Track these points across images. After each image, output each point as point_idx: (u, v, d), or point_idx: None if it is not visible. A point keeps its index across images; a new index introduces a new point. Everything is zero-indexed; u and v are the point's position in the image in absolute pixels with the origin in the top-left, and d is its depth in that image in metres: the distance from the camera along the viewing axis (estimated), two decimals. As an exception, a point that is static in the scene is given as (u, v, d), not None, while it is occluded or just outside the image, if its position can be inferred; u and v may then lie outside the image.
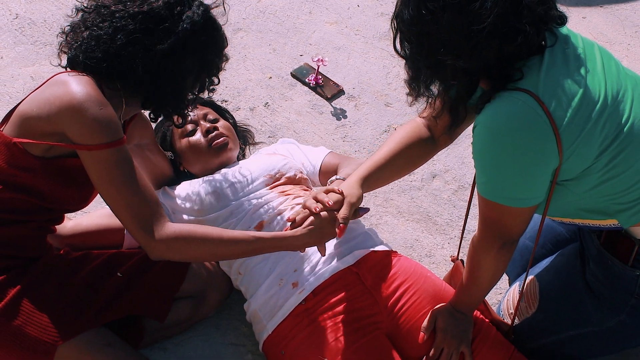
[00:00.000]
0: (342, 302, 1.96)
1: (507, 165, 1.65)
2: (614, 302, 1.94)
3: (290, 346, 1.93)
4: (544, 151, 1.62)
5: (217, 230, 1.82)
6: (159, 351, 2.12)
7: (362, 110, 3.06)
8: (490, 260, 1.85)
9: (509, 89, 1.62)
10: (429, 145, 2.04)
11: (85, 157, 1.70)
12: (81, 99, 1.65)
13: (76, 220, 2.21)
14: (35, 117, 1.70)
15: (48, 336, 1.80)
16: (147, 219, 1.71)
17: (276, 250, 1.87)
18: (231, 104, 2.96)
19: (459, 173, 2.87)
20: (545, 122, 1.58)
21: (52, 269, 1.90)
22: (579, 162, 1.66)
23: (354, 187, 1.91)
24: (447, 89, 1.72)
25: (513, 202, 1.71)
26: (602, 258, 1.92)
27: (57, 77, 1.72)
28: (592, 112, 1.62)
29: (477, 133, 1.67)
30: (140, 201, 1.71)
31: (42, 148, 1.73)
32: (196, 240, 1.76)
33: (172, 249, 1.74)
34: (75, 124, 1.66)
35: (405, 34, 1.67)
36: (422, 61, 1.67)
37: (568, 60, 1.65)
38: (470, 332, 2.01)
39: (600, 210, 1.80)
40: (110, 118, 1.69)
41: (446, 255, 2.59)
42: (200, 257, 1.84)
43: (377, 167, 1.98)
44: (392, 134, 2.06)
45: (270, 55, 3.24)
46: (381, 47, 3.39)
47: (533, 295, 2.08)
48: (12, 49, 3.00)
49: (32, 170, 1.75)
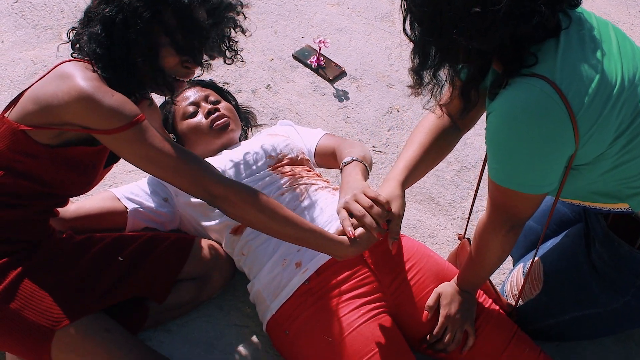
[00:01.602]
0: (345, 281, 1.96)
1: (522, 153, 1.62)
2: (620, 284, 1.93)
3: (294, 326, 1.93)
4: (561, 139, 1.58)
5: (276, 203, 1.80)
6: (162, 332, 2.12)
7: (364, 92, 3.05)
8: (497, 242, 1.84)
9: (525, 75, 1.57)
10: (454, 131, 2.01)
11: (109, 141, 1.69)
12: (89, 91, 1.64)
13: (79, 203, 2.21)
14: (43, 109, 1.68)
15: (46, 321, 1.78)
16: (197, 172, 1.72)
17: (318, 249, 1.83)
18: (233, 86, 2.96)
19: (461, 154, 2.86)
20: (562, 109, 1.54)
21: (53, 253, 1.89)
22: (594, 148, 1.63)
23: (398, 196, 1.87)
24: (457, 72, 1.67)
25: (526, 189, 1.68)
26: (608, 239, 1.91)
27: (62, 69, 1.70)
28: (609, 97, 1.57)
29: (492, 120, 1.63)
30: (182, 161, 1.71)
31: (50, 135, 1.72)
32: (254, 204, 1.75)
33: (228, 201, 1.74)
34: (88, 114, 1.65)
35: (416, 15, 1.61)
36: (433, 43, 1.61)
37: (584, 42, 1.60)
38: (474, 311, 2.01)
39: (612, 195, 1.78)
40: (124, 100, 1.68)
41: (449, 236, 2.59)
42: (250, 221, 1.80)
43: (413, 166, 1.95)
44: (416, 129, 2.02)
45: (272, 37, 3.23)
46: (383, 29, 3.38)
47: (537, 277, 2.08)
48: (13, 33, 2.99)
49: (37, 157, 1.74)
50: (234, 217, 1.80)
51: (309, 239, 1.81)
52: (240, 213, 1.77)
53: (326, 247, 1.81)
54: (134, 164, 1.74)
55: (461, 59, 1.62)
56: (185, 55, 1.77)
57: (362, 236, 1.81)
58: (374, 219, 1.80)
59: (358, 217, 1.81)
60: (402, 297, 2.02)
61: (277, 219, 1.78)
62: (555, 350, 2.23)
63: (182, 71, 1.81)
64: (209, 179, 1.73)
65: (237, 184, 1.78)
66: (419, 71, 1.67)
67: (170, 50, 1.75)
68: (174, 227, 2.32)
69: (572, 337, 2.19)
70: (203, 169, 1.74)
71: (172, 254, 2.09)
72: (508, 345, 2.00)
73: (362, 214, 1.80)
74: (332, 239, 1.81)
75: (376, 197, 1.82)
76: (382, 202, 1.82)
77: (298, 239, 1.82)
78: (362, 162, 2.05)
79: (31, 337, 1.78)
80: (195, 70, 1.85)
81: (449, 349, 2.00)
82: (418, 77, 1.69)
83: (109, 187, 2.46)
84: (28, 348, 1.80)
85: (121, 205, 2.23)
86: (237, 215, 1.79)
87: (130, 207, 2.23)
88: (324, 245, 1.81)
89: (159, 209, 2.25)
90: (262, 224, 1.80)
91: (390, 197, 1.86)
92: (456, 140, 2.05)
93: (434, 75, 1.68)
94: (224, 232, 2.14)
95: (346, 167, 2.04)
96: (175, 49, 1.75)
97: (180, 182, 1.74)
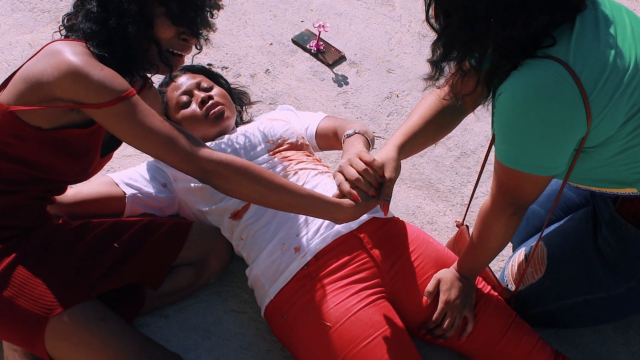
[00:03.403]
0: (344, 266, 1.96)
1: (534, 134, 1.61)
2: (625, 268, 1.93)
3: (293, 311, 1.93)
4: (573, 121, 1.58)
5: (270, 172, 1.77)
6: (159, 318, 2.12)
7: (364, 77, 3.03)
8: (500, 225, 1.83)
9: (539, 57, 1.56)
10: (457, 111, 2.00)
11: (99, 116, 1.67)
12: (78, 65, 1.62)
13: (77, 189, 2.20)
14: (34, 87, 1.66)
15: (40, 308, 1.76)
16: (188, 148, 1.69)
17: (317, 214, 1.82)
18: (231, 71, 2.94)
19: (461, 140, 2.85)
20: (576, 91, 1.54)
21: (48, 240, 1.88)
22: (605, 130, 1.62)
23: (393, 159, 1.87)
24: (481, 62, 1.64)
25: (535, 170, 1.67)
26: (616, 223, 1.90)
27: (51, 46, 1.69)
28: (622, 79, 1.57)
29: (503, 101, 1.61)
30: (173, 136, 1.69)
31: (41, 116, 1.70)
32: (248, 175, 1.73)
33: (221, 176, 1.71)
34: (79, 88, 1.63)
35: (444, 5, 1.57)
36: (463, 34, 1.57)
37: (598, 25, 1.60)
38: (473, 297, 2.01)
39: (620, 181, 1.77)
40: (114, 75, 1.66)
41: (448, 222, 2.58)
42: (247, 195, 1.77)
43: (412, 134, 1.94)
44: (420, 102, 2.02)
45: (271, 22, 3.20)
46: (383, 13, 3.35)
47: (540, 260, 2.07)
48: (10, 16, 2.97)
49: (27, 140, 1.71)
50: (230, 193, 1.77)
51: (308, 204, 1.79)
52: (235, 187, 1.74)
53: (325, 210, 1.80)
54: (125, 140, 1.72)
55: (491, 49, 1.59)
56: (182, 26, 1.75)
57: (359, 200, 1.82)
58: (368, 182, 1.81)
59: (351, 181, 1.82)
60: (401, 282, 2.01)
61: (274, 188, 1.76)
62: (554, 337, 2.23)
63: (179, 44, 1.78)
64: (200, 154, 1.70)
65: (229, 156, 1.74)
66: (441, 62, 1.65)
67: (166, 21, 1.73)
68: (172, 213, 2.31)
69: (572, 324, 2.18)
70: (194, 145, 1.71)
71: (168, 241, 2.08)
72: (507, 331, 2.00)
73: (356, 177, 1.81)
74: (331, 202, 1.80)
75: (370, 162, 1.83)
76: (376, 167, 1.83)
77: (297, 207, 1.80)
78: (363, 135, 2.08)
79: (24, 325, 1.76)
80: (192, 43, 1.82)
81: (447, 334, 2.00)
82: (438, 68, 1.66)
83: (107, 171, 2.45)
84: (22, 336, 1.78)
85: (119, 190, 2.22)
86: (232, 190, 1.76)
87: (128, 193, 2.21)
88: (323, 209, 1.80)
89: (157, 194, 2.24)
90: (259, 195, 1.77)
91: (385, 161, 1.87)
92: (457, 121, 2.04)
93: (457, 66, 1.65)
94: (223, 217, 2.13)
95: (348, 139, 2.07)
96: (170, 19, 1.73)
97: (171, 158, 1.71)
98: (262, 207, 2.05)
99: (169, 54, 1.79)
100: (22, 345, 1.82)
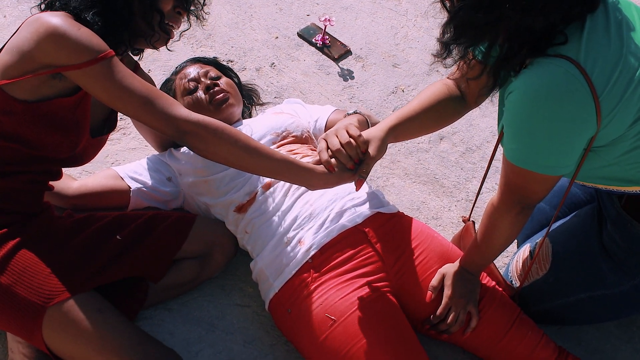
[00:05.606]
0: (349, 260, 1.95)
1: (543, 134, 1.59)
2: (630, 266, 1.92)
3: (297, 304, 1.93)
4: (584, 120, 1.57)
5: (246, 136, 1.78)
6: (163, 311, 2.12)
7: (370, 71, 3.03)
8: (507, 223, 1.83)
9: (550, 55, 1.54)
10: (460, 104, 1.99)
11: (80, 78, 1.67)
12: (57, 24, 1.63)
13: (82, 181, 2.20)
14: (16, 57, 1.67)
15: (38, 297, 1.76)
16: (167, 109, 1.71)
17: (292, 179, 1.83)
18: (237, 64, 2.93)
19: (466, 135, 2.84)
20: (587, 90, 1.52)
21: (50, 230, 1.87)
22: (615, 129, 1.61)
23: (379, 138, 1.87)
24: (488, 55, 1.62)
25: (544, 169, 1.66)
26: (621, 220, 1.90)
27: (29, 18, 1.70)
28: (632, 78, 1.55)
29: (513, 99, 1.59)
30: (152, 97, 1.70)
31: (26, 88, 1.70)
32: (224, 136, 1.74)
33: (198, 136, 1.72)
34: (58, 49, 1.64)
35: None
36: (477, 18, 1.53)
37: (609, 24, 1.58)
38: (477, 293, 2.00)
39: (627, 179, 1.76)
40: (91, 35, 1.67)
41: (453, 217, 2.57)
42: (223, 157, 1.77)
43: (407, 117, 1.94)
44: (423, 90, 2.01)
45: (277, 15, 3.20)
46: (389, 7, 3.34)
47: (545, 257, 2.07)
48: (15, 7, 2.97)
49: (15, 114, 1.71)
50: (206, 154, 1.77)
51: (282, 168, 1.80)
52: (212, 148, 1.75)
53: (299, 176, 1.82)
54: (104, 100, 1.72)
55: (505, 36, 1.56)
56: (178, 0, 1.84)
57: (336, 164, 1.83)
58: (348, 154, 1.81)
59: (332, 151, 1.82)
60: (406, 277, 2.01)
61: (249, 150, 1.76)
62: (558, 334, 2.22)
63: (174, 16, 1.86)
64: (178, 115, 1.71)
65: (206, 118, 1.75)
66: (449, 44, 1.62)
67: None
68: (177, 206, 2.31)
69: (576, 320, 2.18)
70: (172, 106, 1.72)
71: (171, 234, 2.08)
72: (511, 327, 1.99)
73: (337, 148, 1.81)
74: (305, 167, 1.81)
75: (355, 136, 1.83)
76: (360, 142, 1.83)
77: (271, 170, 1.81)
78: (363, 116, 2.10)
79: (22, 313, 1.75)
80: (183, 17, 1.90)
81: (451, 330, 1.99)
82: (446, 49, 1.64)
83: (112, 164, 2.44)
84: (19, 325, 1.77)
85: (124, 184, 2.22)
86: (208, 151, 1.76)
87: (133, 187, 2.22)
88: (296, 174, 1.81)
89: (162, 188, 2.24)
90: (234, 157, 1.77)
91: (371, 138, 1.86)
92: (460, 113, 2.03)
93: (464, 51, 1.63)
94: (227, 210, 2.13)
95: (347, 117, 2.10)
96: None
97: (149, 118, 1.72)
98: (267, 201, 2.05)
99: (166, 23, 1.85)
100: (21, 335, 1.81)
